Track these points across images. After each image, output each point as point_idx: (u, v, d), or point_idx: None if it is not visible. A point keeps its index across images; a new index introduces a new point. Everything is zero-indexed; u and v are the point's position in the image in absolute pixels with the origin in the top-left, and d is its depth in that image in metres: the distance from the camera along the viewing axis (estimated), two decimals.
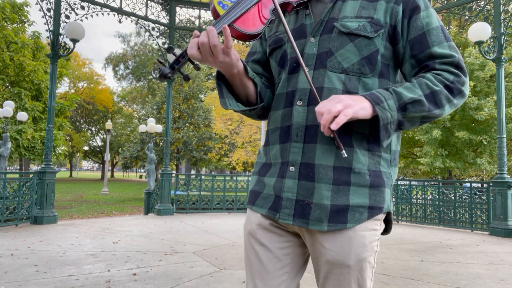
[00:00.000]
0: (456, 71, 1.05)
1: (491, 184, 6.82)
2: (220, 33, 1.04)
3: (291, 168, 1.10)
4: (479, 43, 6.82)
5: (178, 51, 1.11)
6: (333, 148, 1.06)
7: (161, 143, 23.37)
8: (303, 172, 1.09)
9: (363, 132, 1.07)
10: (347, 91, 1.08)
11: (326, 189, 1.06)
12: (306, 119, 1.10)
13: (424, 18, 1.09)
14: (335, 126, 0.94)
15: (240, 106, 1.18)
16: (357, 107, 0.97)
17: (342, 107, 0.95)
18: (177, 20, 9.07)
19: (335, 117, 0.95)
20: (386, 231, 1.17)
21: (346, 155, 1.01)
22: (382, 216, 1.11)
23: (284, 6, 1.16)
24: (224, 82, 1.18)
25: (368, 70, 1.09)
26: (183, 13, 9.17)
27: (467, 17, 7.66)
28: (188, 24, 9.40)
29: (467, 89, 1.06)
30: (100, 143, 49.49)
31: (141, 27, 8.87)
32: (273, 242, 1.16)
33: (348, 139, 1.07)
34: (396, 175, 1.16)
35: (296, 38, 1.16)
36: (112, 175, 56.59)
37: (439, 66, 1.07)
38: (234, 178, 10.44)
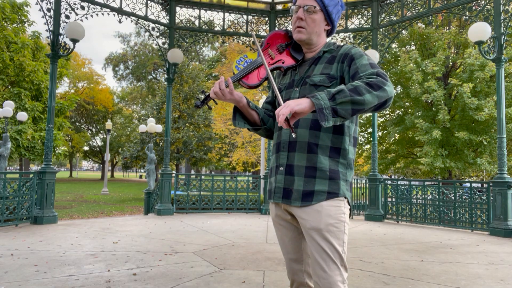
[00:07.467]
0: (376, 76, 1.51)
1: (491, 184, 6.82)
2: (235, 82, 1.77)
3: (281, 168, 1.73)
4: (479, 43, 6.82)
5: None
6: (305, 155, 1.66)
7: (161, 143, 23.35)
8: (287, 170, 1.70)
9: (326, 145, 1.66)
10: (315, 120, 1.66)
11: (301, 180, 1.66)
12: (289, 137, 1.71)
13: (358, 63, 1.63)
14: (279, 121, 1.41)
15: (246, 125, 1.86)
16: (293, 105, 1.41)
17: (285, 109, 1.41)
18: (177, 20, 9.07)
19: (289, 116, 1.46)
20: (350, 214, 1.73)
21: (294, 136, 1.45)
22: (343, 199, 1.67)
23: (276, 69, 1.84)
24: (238, 111, 1.85)
25: None
26: (183, 13, 9.17)
27: (467, 17, 7.65)
28: (188, 24, 9.39)
29: (388, 87, 1.48)
30: (100, 143, 49.47)
31: (141, 27, 8.87)
32: (285, 222, 1.80)
33: (315, 149, 1.65)
34: (351, 176, 1.72)
35: (288, 88, 1.82)
36: (112, 175, 56.59)
37: (364, 77, 1.54)
38: (234, 178, 10.43)
